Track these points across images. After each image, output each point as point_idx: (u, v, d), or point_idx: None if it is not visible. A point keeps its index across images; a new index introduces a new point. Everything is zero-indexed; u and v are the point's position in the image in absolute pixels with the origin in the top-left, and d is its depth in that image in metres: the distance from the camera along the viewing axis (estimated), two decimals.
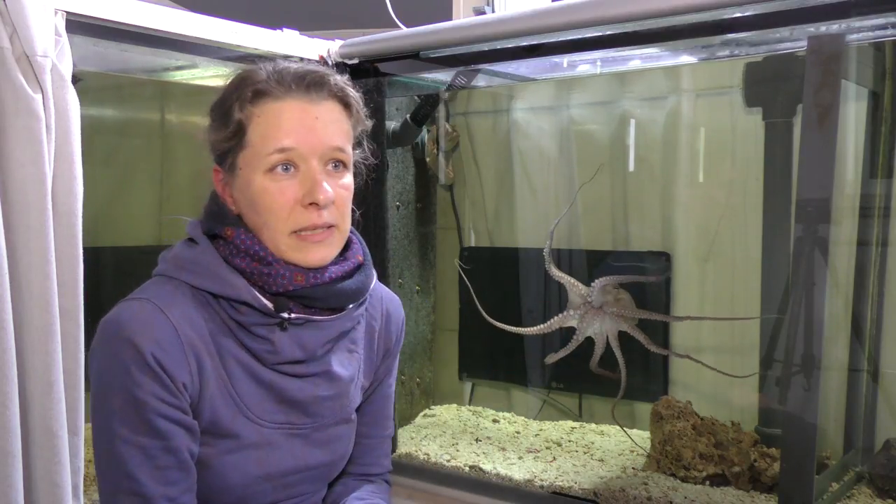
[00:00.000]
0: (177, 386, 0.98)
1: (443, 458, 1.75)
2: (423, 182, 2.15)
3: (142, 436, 0.97)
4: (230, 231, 1.04)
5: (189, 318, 1.01)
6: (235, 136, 1.03)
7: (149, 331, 0.97)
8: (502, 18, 1.53)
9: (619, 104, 1.97)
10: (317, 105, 1.02)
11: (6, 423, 1.13)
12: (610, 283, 1.63)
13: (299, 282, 1.03)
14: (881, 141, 1.61)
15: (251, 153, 1.02)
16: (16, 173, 1.15)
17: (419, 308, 2.15)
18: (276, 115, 1.01)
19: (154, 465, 0.97)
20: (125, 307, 1.00)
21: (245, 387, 1.04)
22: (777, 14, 1.29)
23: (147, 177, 2.24)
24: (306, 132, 1.01)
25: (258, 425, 1.05)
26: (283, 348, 1.04)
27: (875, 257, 1.64)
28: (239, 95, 1.02)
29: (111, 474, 0.98)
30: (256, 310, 1.03)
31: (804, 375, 1.33)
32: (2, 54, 1.13)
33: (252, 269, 1.02)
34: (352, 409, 1.18)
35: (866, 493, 1.53)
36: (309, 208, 1.01)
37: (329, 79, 1.04)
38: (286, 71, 1.03)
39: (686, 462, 1.59)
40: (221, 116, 1.04)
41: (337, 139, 1.03)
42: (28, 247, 1.16)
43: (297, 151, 1.00)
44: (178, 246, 1.08)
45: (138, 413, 0.96)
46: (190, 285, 1.03)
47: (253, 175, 1.02)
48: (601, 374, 1.65)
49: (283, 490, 1.10)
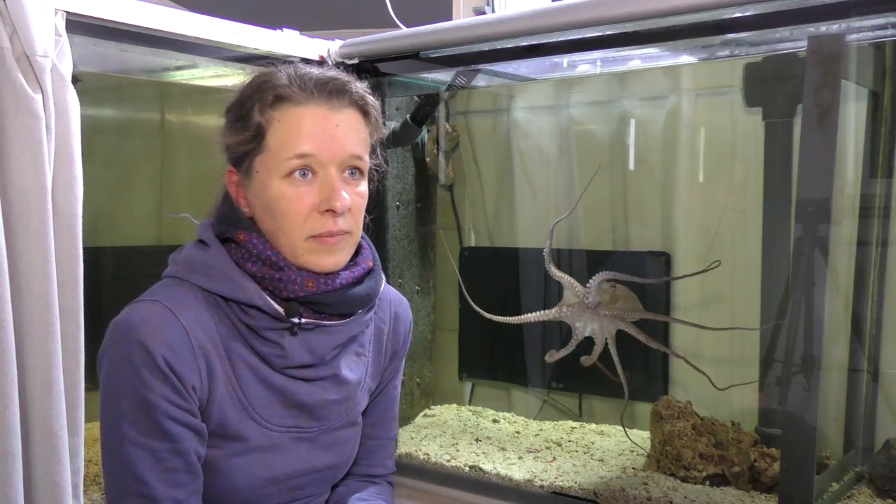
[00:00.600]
0: (186, 389, 0.98)
1: (443, 458, 1.75)
2: (423, 182, 2.15)
3: (151, 438, 0.97)
4: (243, 235, 1.04)
5: (200, 320, 1.01)
6: (254, 139, 1.02)
7: (159, 333, 0.97)
8: (502, 18, 1.53)
9: (619, 104, 1.97)
10: (338, 112, 1.02)
11: (6, 423, 1.13)
12: (605, 280, 1.62)
13: (311, 288, 1.03)
14: (881, 141, 1.61)
15: (269, 157, 1.01)
16: (16, 173, 1.15)
17: (419, 308, 2.15)
18: (296, 121, 1.01)
19: (162, 467, 0.97)
20: (136, 309, 1.00)
21: (253, 390, 1.04)
22: (777, 14, 1.28)
23: (147, 177, 2.24)
24: (327, 139, 1.01)
25: (266, 428, 1.05)
26: (292, 353, 1.04)
27: (875, 257, 1.64)
28: (260, 99, 1.02)
29: (119, 475, 0.98)
30: (267, 314, 1.03)
31: (804, 375, 1.33)
32: (2, 54, 1.13)
33: (264, 273, 1.02)
34: (358, 412, 1.18)
35: (866, 493, 1.53)
36: (325, 215, 1.01)
37: (350, 86, 1.04)
38: (308, 76, 1.03)
39: (686, 462, 1.59)
40: (240, 119, 1.03)
41: (356, 147, 1.03)
42: (28, 247, 1.16)
43: (317, 158, 1.01)
44: (188, 248, 1.08)
45: (147, 415, 0.96)
46: (201, 288, 1.03)
47: (270, 179, 1.01)
48: (601, 370, 1.65)
49: (289, 493, 1.10)
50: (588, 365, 1.63)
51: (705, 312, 1.86)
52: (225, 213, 1.07)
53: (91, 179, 1.25)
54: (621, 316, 1.62)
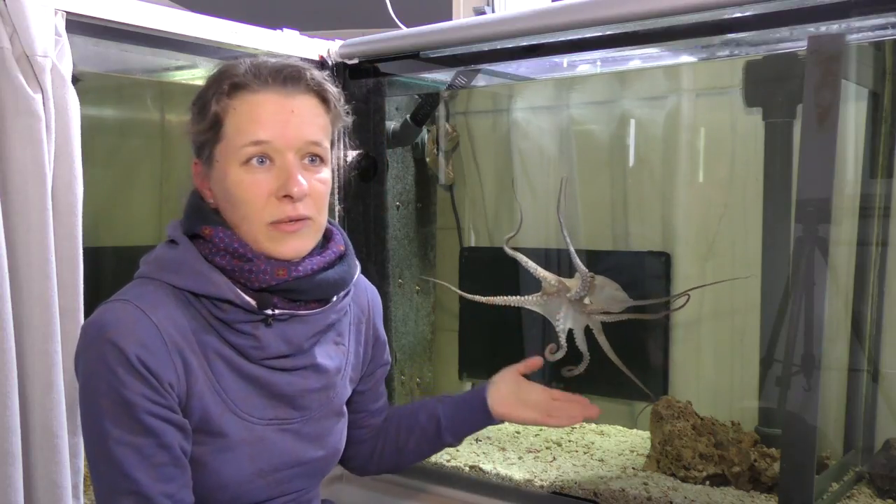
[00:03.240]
0: (163, 386, 0.98)
1: (443, 458, 1.75)
2: (423, 182, 2.15)
3: (134, 435, 0.97)
4: (208, 230, 1.04)
5: (172, 317, 1.01)
6: (212, 128, 1.03)
7: (131, 332, 0.97)
8: (502, 18, 1.53)
9: (619, 104, 1.97)
10: (293, 98, 1.03)
11: (6, 423, 1.13)
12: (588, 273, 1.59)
13: (281, 276, 1.03)
14: (881, 141, 1.61)
15: (227, 145, 1.02)
16: (16, 173, 1.15)
17: (419, 308, 2.15)
18: (251, 108, 1.02)
19: (149, 463, 0.97)
20: (107, 309, 1.00)
21: (231, 383, 1.04)
22: (777, 14, 1.29)
23: (147, 177, 2.24)
24: (282, 125, 1.01)
25: (247, 421, 1.06)
26: (268, 343, 1.05)
27: (875, 257, 1.63)
28: (217, 88, 1.03)
29: (107, 476, 0.98)
30: (239, 307, 1.03)
31: (804, 375, 1.33)
32: (2, 54, 1.13)
33: (233, 266, 1.03)
34: (340, 402, 1.18)
35: (866, 493, 1.53)
36: (283, 200, 1.02)
37: (305, 73, 1.04)
38: (264, 65, 1.04)
39: (686, 462, 1.59)
40: (200, 109, 1.05)
41: (313, 133, 1.04)
42: (28, 247, 1.16)
43: (272, 145, 1.01)
44: (158, 248, 1.09)
45: (128, 413, 0.96)
46: (171, 285, 1.03)
47: (229, 167, 1.02)
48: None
49: (277, 486, 1.10)
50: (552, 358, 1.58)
51: (705, 313, 1.86)
52: (191, 208, 1.08)
53: (91, 179, 1.25)
54: (602, 310, 1.58)
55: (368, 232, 1.86)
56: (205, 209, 1.07)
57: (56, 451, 1.20)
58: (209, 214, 1.06)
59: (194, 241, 1.06)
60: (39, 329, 1.18)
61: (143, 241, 2.19)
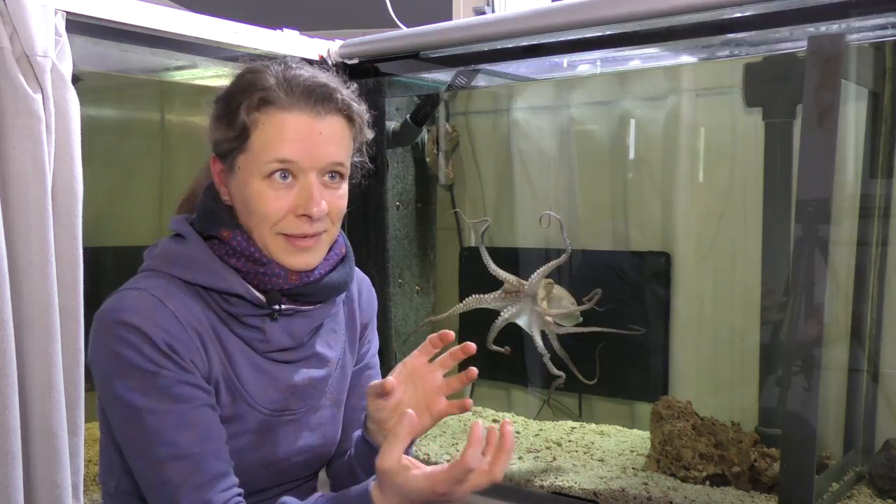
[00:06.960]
0: (188, 363, 0.99)
1: (443, 458, 1.75)
2: (423, 182, 2.15)
3: (167, 403, 0.97)
4: (227, 233, 1.05)
5: (186, 306, 1.02)
6: (238, 138, 1.03)
7: (151, 318, 0.98)
8: (502, 18, 1.53)
9: (619, 104, 1.97)
10: (321, 120, 1.03)
11: (6, 424, 1.13)
12: (546, 278, 1.64)
13: (294, 281, 1.05)
14: (881, 141, 1.61)
15: (251, 158, 1.03)
16: (16, 173, 1.15)
17: (419, 308, 2.15)
18: (280, 126, 1.01)
19: (187, 423, 0.98)
20: (121, 297, 1.00)
21: (246, 373, 1.06)
22: (777, 14, 1.29)
23: (147, 177, 2.24)
24: (309, 147, 1.02)
25: (256, 411, 1.07)
26: (273, 337, 1.07)
27: (875, 257, 1.63)
28: (247, 99, 1.03)
29: (148, 452, 0.97)
30: (248, 302, 1.04)
31: (804, 375, 1.33)
32: (2, 54, 1.13)
33: (248, 268, 1.04)
34: (340, 391, 1.19)
35: (866, 493, 1.53)
36: (301, 219, 1.03)
37: (337, 94, 1.04)
38: (295, 80, 1.03)
39: (686, 462, 1.59)
40: (226, 115, 1.04)
41: (337, 154, 1.05)
42: (28, 246, 1.16)
43: (297, 164, 1.02)
44: (164, 242, 1.09)
45: (156, 386, 0.97)
46: (180, 279, 1.04)
47: (251, 178, 1.03)
48: (495, 351, 1.67)
49: (279, 476, 1.12)
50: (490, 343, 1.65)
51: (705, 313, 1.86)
52: (206, 208, 1.08)
53: (91, 179, 1.25)
54: (552, 320, 1.64)
55: (368, 232, 1.86)
56: (220, 210, 1.07)
57: (56, 451, 1.20)
58: (225, 216, 1.07)
59: (208, 241, 1.06)
60: (39, 329, 1.18)
61: (143, 240, 2.19)
